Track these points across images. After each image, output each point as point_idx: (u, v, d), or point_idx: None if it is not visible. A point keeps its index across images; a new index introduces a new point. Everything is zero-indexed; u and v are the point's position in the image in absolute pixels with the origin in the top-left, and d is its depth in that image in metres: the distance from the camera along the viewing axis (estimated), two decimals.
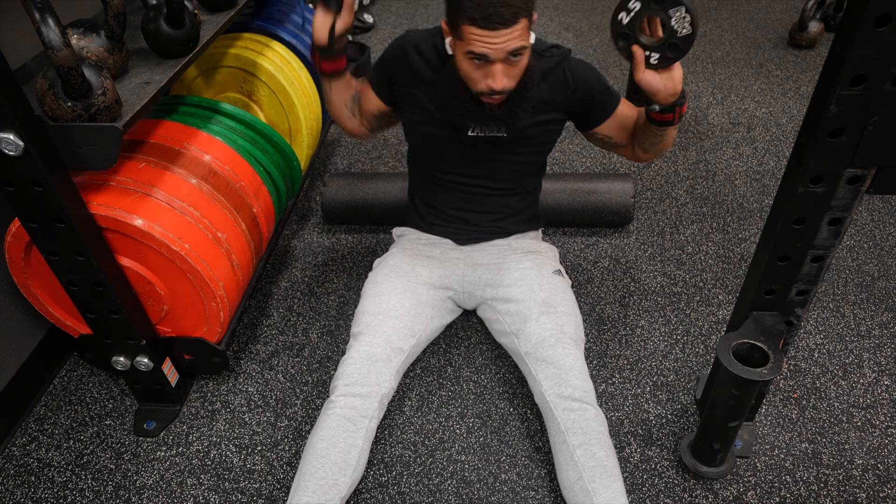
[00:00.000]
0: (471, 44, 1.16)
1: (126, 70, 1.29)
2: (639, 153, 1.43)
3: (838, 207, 0.95)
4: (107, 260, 1.26)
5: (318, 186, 2.30)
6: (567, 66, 1.36)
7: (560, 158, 2.41)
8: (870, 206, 2.12)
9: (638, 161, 1.47)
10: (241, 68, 1.84)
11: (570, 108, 1.40)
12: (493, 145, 1.42)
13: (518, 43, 1.15)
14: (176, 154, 1.43)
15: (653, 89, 1.16)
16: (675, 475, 1.39)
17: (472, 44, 1.16)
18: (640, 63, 1.13)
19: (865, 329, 1.69)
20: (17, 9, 1.39)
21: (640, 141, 1.37)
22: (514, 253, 1.57)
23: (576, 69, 1.37)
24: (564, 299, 1.47)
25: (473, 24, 1.12)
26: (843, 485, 1.36)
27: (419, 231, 1.64)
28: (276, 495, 1.38)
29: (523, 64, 1.22)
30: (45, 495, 1.41)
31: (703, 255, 1.95)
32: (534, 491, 1.37)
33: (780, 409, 1.51)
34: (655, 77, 1.14)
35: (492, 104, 1.26)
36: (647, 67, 1.13)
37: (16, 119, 1.00)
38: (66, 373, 1.68)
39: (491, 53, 1.16)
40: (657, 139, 1.33)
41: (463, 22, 1.14)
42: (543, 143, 1.47)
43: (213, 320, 1.45)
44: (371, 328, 1.41)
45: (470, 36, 1.15)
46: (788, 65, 2.98)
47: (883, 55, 0.79)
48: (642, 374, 1.60)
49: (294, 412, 1.55)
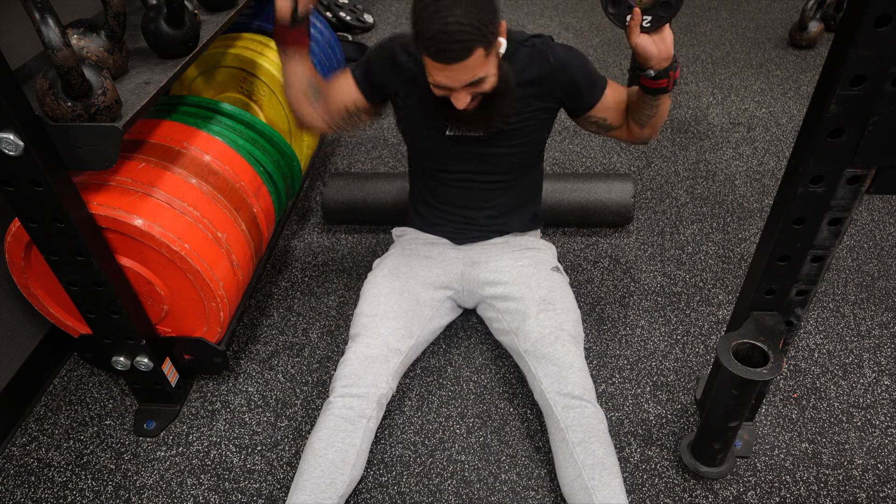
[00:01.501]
0: (430, 75, 1.19)
1: (126, 70, 1.29)
2: (635, 130, 1.40)
3: (838, 207, 0.95)
4: (107, 260, 1.26)
5: (318, 186, 2.30)
6: (550, 51, 1.36)
7: (560, 158, 2.41)
8: (870, 206, 2.12)
9: (635, 140, 1.44)
10: (241, 68, 1.84)
11: (558, 93, 1.39)
12: (479, 142, 1.42)
13: (474, 75, 1.17)
14: (176, 154, 1.43)
15: (647, 53, 1.17)
16: (675, 475, 1.39)
17: (431, 75, 1.19)
18: (636, 26, 1.14)
19: (865, 329, 1.69)
20: (17, 9, 1.39)
21: (636, 116, 1.36)
22: (512, 250, 1.57)
23: (558, 53, 1.36)
24: (563, 296, 1.47)
25: (429, 56, 1.15)
26: (843, 485, 1.36)
27: (418, 231, 1.64)
28: (276, 495, 1.38)
29: (488, 86, 1.23)
30: (45, 495, 1.41)
31: (703, 255, 1.95)
32: (534, 491, 1.37)
33: (780, 409, 1.51)
34: (649, 40, 1.15)
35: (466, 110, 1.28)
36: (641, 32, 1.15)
37: (16, 119, 1.00)
38: (66, 373, 1.68)
39: (449, 83, 1.19)
40: (652, 110, 1.32)
41: (422, 53, 1.17)
42: (536, 132, 1.45)
43: (213, 320, 1.45)
44: (369, 329, 1.41)
45: (429, 67, 1.18)
46: (788, 65, 2.98)
47: (883, 55, 0.79)
48: (642, 374, 1.60)
49: (294, 412, 1.55)
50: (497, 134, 1.40)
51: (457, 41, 1.10)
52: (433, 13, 1.10)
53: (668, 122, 2.58)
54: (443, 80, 1.18)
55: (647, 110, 1.32)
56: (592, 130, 1.48)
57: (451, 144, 1.44)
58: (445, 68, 1.15)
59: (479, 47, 1.13)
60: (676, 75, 1.23)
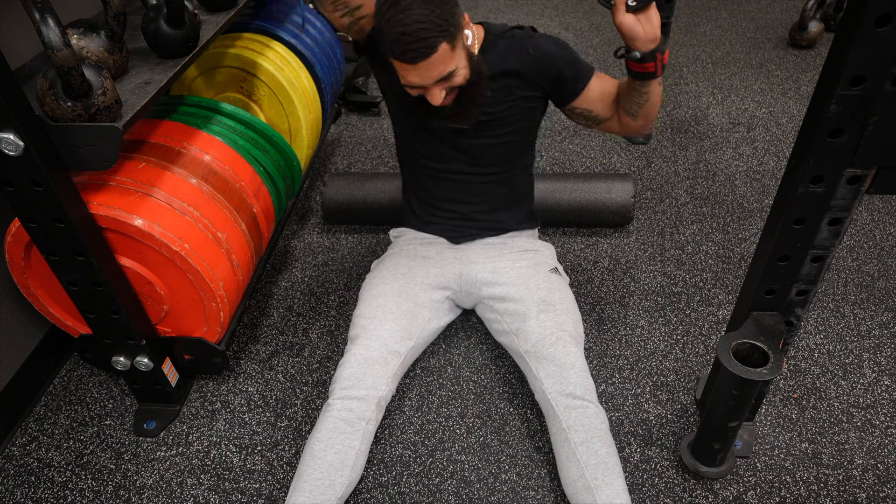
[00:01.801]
0: (401, 76, 1.22)
1: (126, 70, 1.29)
2: (626, 121, 1.38)
3: (838, 207, 0.95)
4: (107, 260, 1.26)
5: (318, 186, 2.30)
6: (530, 42, 1.36)
7: (560, 158, 2.41)
8: (870, 206, 2.12)
9: (628, 133, 1.43)
10: (241, 68, 1.84)
11: (540, 83, 1.39)
12: (464, 134, 1.42)
13: (444, 69, 1.19)
14: (176, 154, 1.43)
15: (632, 33, 1.16)
16: (675, 475, 1.39)
17: (402, 76, 1.21)
18: (621, 5, 1.13)
19: (865, 329, 1.69)
20: (17, 9, 1.39)
21: (626, 105, 1.34)
22: (510, 252, 1.57)
23: (539, 44, 1.36)
24: (563, 297, 1.47)
25: (395, 58, 1.17)
26: (843, 485, 1.36)
27: (415, 231, 1.64)
28: (276, 495, 1.38)
29: (460, 79, 1.24)
30: (45, 495, 1.41)
31: (703, 255, 1.95)
32: (534, 491, 1.37)
33: (780, 409, 1.51)
34: (633, 20, 1.14)
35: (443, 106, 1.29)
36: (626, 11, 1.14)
37: (16, 119, 1.00)
38: (66, 373, 1.68)
39: (420, 82, 1.21)
40: (643, 98, 1.30)
41: (390, 56, 1.19)
42: (522, 122, 1.44)
43: (213, 320, 1.45)
44: (367, 331, 1.41)
45: (400, 70, 1.20)
46: (788, 65, 2.98)
47: (883, 55, 0.79)
48: (642, 374, 1.60)
49: (294, 412, 1.55)
50: (480, 124, 1.40)
51: (419, 39, 1.13)
52: (393, 16, 1.13)
53: (668, 122, 2.58)
54: (414, 79, 1.20)
55: (637, 98, 1.31)
56: (582, 123, 1.47)
57: (436, 138, 1.45)
58: (414, 68, 1.17)
59: (442, 42, 1.15)
60: (665, 59, 1.22)
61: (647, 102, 1.31)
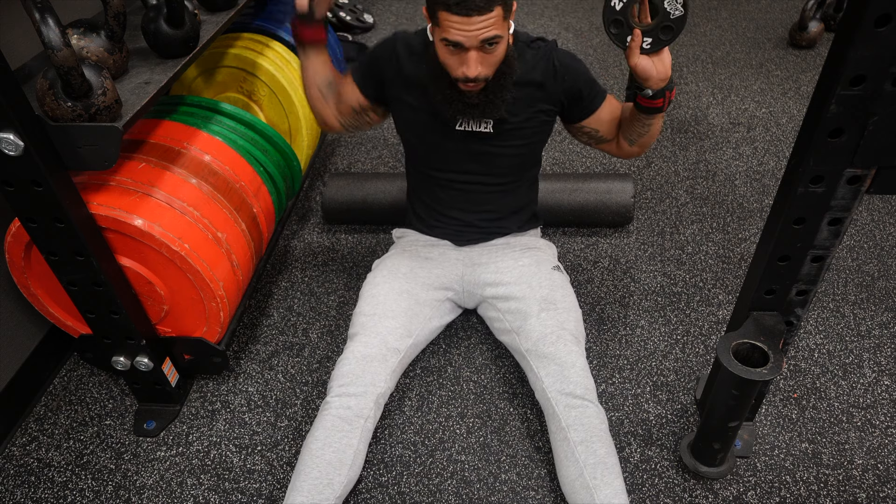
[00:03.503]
0: (446, 31, 1.17)
1: (126, 70, 1.29)
2: (624, 146, 1.44)
3: (838, 207, 0.95)
4: (107, 260, 1.26)
5: (318, 186, 2.30)
6: (556, 56, 1.37)
7: (560, 158, 2.41)
8: (870, 206, 2.12)
9: (621, 156, 1.48)
10: (241, 68, 1.84)
11: (559, 97, 1.40)
12: (484, 140, 1.42)
13: (492, 32, 1.16)
14: (176, 154, 1.43)
15: (646, 74, 1.20)
16: (675, 475, 1.39)
17: (447, 31, 1.17)
18: (636, 48, 1.16)
19: (865, 329, 1.69)
20: (17, 9, 1.39)
21: (627, 133, 1.39)
22: (512, 250, 1.57)
23: (563, 59, 1.37)
24: (564, 295, 1.47)
25: (448, 10, 1.14)
26: (843, 485, 1.36)
27: (418, 233, 1.64)
28: (276, 495, 1.38)
29: (499, 53, 1.23)
30: (45, 495, 1.41)
31: (703, 255, 1.95)
32: (534, 491, 1.37)
33: (780, 409, 1.51)
34: (648, 61, 1.18)
35: (469, 92, 1.27)
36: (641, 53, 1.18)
37: (16, 119, 1.00)
38: (66, 373, 1.68)
39: (465, 41, 1.17)
40: (644, 129, 1.35)
41: (439, 8, 1.16)
42: (535, 136, 1.46)
43: (213, 320, 1.45)
44: (367, 329, 1.41)
45: (445, 22, 1.16)
46: (788, 65, 2.98)
47: (883, 55, 0.79)
48: (642, 374, 1.60)
49: (294, 412, 1.55)
50: (501, 132, 1.40)
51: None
52: None
53: (668, 122, 2.58)
54: (458, 35, 1.16)
55: (640, 128, 1.35)
56: (583, 141, 1.50)
57: (458, 144, 1.43)
58: (465, 22, 1.14)
59: (498, 5, 1.14)
60: (672, 96, 1.27)
61: (647, 133, 1.36)
